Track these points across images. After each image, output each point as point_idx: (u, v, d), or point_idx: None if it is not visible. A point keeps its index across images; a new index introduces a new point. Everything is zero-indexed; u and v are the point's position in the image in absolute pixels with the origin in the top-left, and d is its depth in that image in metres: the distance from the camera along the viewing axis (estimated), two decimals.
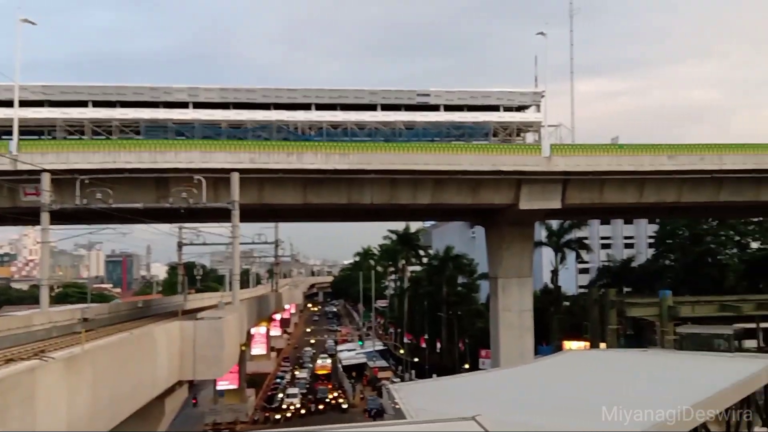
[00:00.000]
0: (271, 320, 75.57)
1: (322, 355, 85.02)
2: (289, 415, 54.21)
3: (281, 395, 60.02)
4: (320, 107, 39.35)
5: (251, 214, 39.18)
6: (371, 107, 39.70)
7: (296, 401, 57.46)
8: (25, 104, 35.38)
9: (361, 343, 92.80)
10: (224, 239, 39.80)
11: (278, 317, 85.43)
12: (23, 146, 34.28)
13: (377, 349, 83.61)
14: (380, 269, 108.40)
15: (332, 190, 37.90)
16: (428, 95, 40.23)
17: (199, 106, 38.67)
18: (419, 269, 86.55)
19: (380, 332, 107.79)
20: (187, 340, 24.34)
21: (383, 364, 74.00)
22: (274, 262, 73.30)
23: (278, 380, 69.45)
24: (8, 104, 34.96)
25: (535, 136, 41.87)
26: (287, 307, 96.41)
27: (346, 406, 57.61)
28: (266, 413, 55.63)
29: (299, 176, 36.88)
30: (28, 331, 22.86)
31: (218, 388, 53.47)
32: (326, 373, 72.44)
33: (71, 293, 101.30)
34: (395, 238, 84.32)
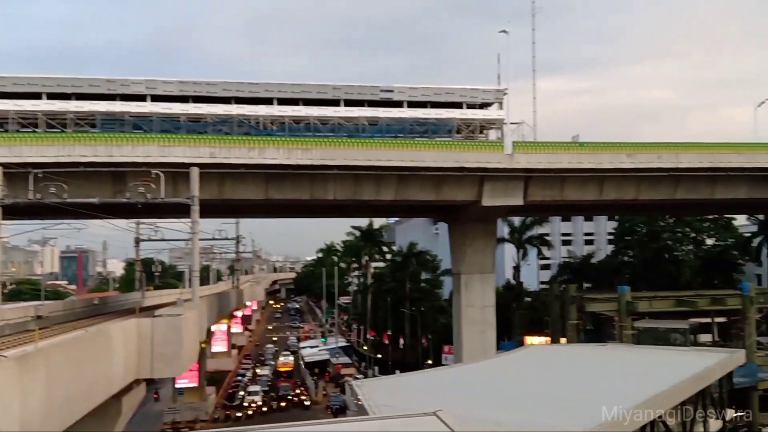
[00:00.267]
0: (232, 317, 74.79)
1: (284, 352, 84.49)
2: (250, 412, 53.87)
3: (242, 393, 59.51)
4: (282, 102, 38.88)
5: (211, 209, 38.56)
6: (334, 102, 39.42)
7: (258, 399, 57.09)
8: None
9: (324, 339, 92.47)
10: (183, 235, 39.05)
11: (239, 314, 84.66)
12: None
13: (340, 345, 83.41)
14: (343, 265, 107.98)
15: (295, 185, 37.52)
16: (392, 91, 40.11)
17: (157, 99, 37.84)
18: (383, 265, 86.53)
19: (343, 329, 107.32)
20: (144, 337, 23.81)
21: (346, 360, 73.90)
22: (235, 258, 72.49)
23: (239, 378, 68.81)
24: None
25: (497, 133, 42.14)
26: (249, 303, 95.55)
27: (308, 403, 57.54)
28: (227, 411, 55.12)
29: (261, 171, 36.42)
30: None
31: (177, 386, 52.58)
32: (288, 370, 71.95)
33: (25, 290, 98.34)
34: (359, 234, 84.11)
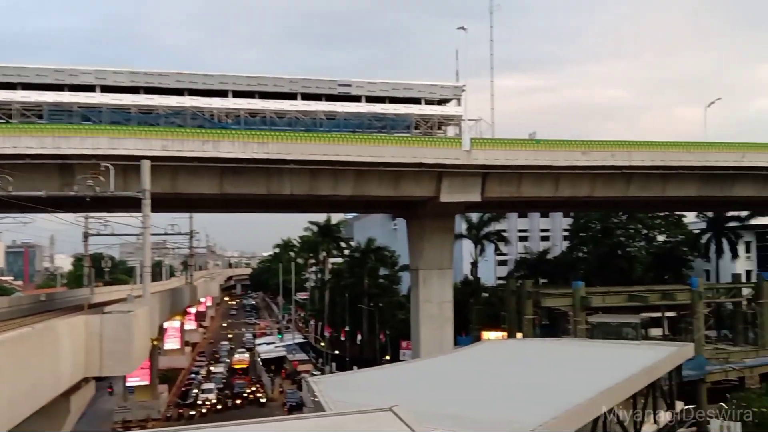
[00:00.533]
0: (185, 314, 73.73)
1: (239, 349, 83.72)
2: (204, 411, 53.23)
3: (196, 391, 58.72)
4: (238, 94, 38.16)
5: (164, 203, 37.69)
6: (291, 96, 38.83)
7: (212, 397, 56.35)
8: None
9: (280, 336, 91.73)
10: (134, 230, 38.05)
11: (193, 310, 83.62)
12: None
13: (297, 342, 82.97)
14: (301, 261, 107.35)
15: (250, 179, 36.88)
16: (350, 86, 39.75)
17: (107, 89, 36.64)
18: (341, 261, 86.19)
19: (300, 325, 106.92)
20: (93, 334, 23.16)
21: (303, 357, 73.65)
22: (188, 253, 71.22)
23: (193, 375, 67.84)
24: None
25: (455, 129, 42.19)
26: (203, 300, 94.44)
27: (264, 400, 57.10)
28: (180, 410, 54.32)
29: (215, 165, 35.67)
30: None
31: (128, 384, 51.61)
32: (244, 367, 71.37)
33: None
34: (316, 229, 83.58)
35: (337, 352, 72.13)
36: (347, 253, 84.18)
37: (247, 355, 77.16)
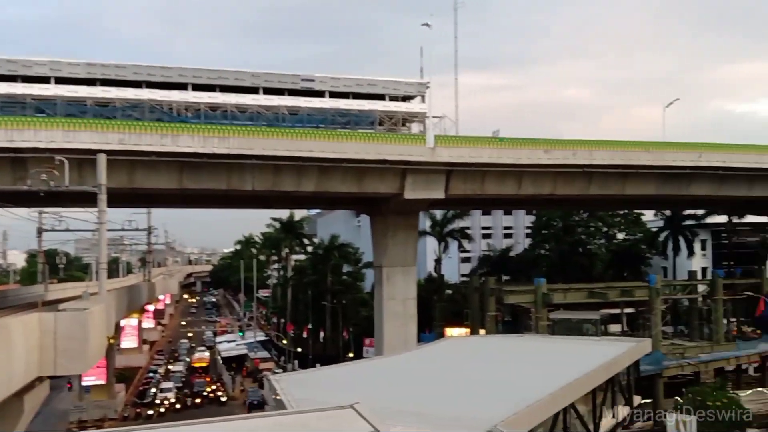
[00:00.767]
0: (143, 311, 72.47)
1: (200, 347, 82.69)
2: (162, 410, 52.44)
3: (154, 390, 57.81)
4: (198, 88, 37.32)
5: (121, 198, 36.69)
6: (253, 90, 38.14)
7: (171, 396, 55.61)
8: None
9: (241, 333, 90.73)
10: (90, 225, 36.99)
11: (151, 308, 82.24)
12: None
13: (259, 339, 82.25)
14: (263, 258, 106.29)
15: (211, 175, 36.12)
16: (313, 80, 39.30)
17: (62, 81, 35.46)
18: (304, 258, 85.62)
19: (262, 322, 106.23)
20: (47, 332, 22.47)
21: (265, 355, 73.05)
22: (146, 250, 69.85)
23: (151, 374, 66.78)
24: None
25: (420, 126, 42.10)
26: (161, 297, 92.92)
27: (225, 399, 56.47)
28: (138, 409, 53.46)
29: (174, 160, 34.83)
30: None
31: (84, 383, 50.44)
32: (204, 365, 70.45)
33: None
34: (279, 226, 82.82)
35: (299, 349, 71.60)
36: (310, 249, 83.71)
37: (207, 353, 76.22)
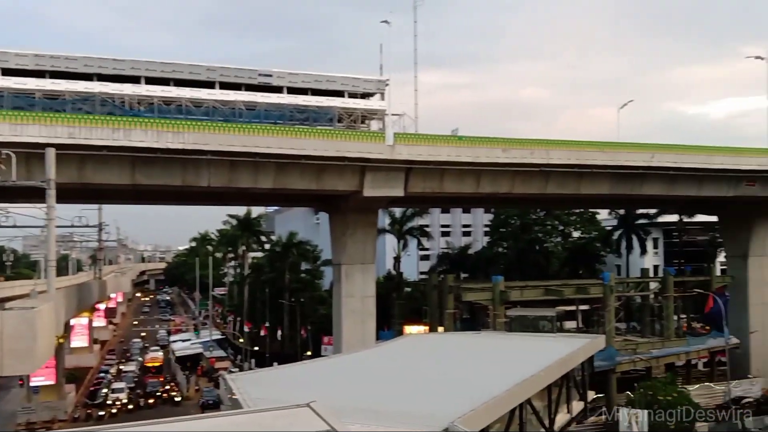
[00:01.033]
0: (94, 310, 70.69)
1: (153, 346, 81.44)
2: (114, 411, 51.42)
3: (106, 390, 56.63)
4: (151, 81, 36.52)
5: (70, 194, 35.66)
6: (209, 84, 37.52)
7: (123, 396, 54.51)
8: None
9: (197, 332, 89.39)
10: (39, 221, 35.69)
11: (102, 307, 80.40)
12: None
13: (215, 338, 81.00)
14: (219, 255, 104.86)
15: (164, 170, 35.32)
16: (271, 76, 38.81)
17: (8, 73, 34.37)
18: (261, 256, 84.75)
19: (218, 321, 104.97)
20: None
21: (221, 354, 72.40)
22: (97, 247, 68.09)
23: (102, 375, 65.49)
24: None
25: (379, 124, 42.00)
26: (113, 295, 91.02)
27: (179, 399, 55.70)
28: (88, 410, 52.43)
29: (126, 154, 33.92)
30: None
31: (32, 384, 49.14)
32: (157, 365, 69.24)
33: None
34: (235, 223, 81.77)
35: (256, 348, 70.99)
36: (268, 247, 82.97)
37: (160, 352, 75.07)
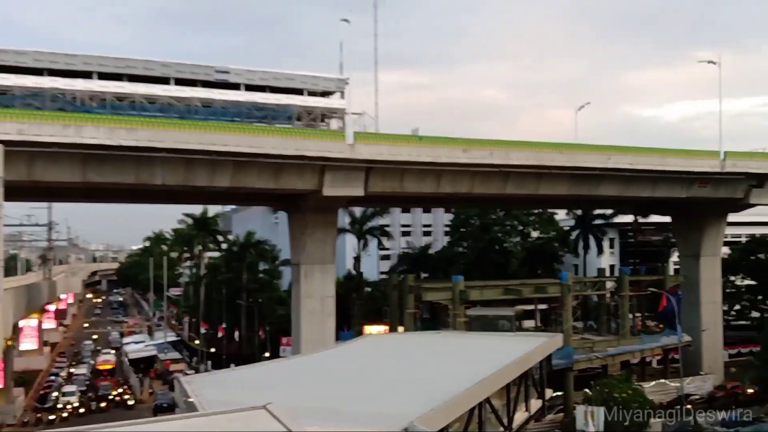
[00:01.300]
0: (44, 311, 68.89)
1: (105, 349, 79.83)
2: (65, 414, 50.50)
3: (56, 394, 55.42)
4: (104, 77, 35.48)
5: (19, 192, 34.42)
6: (163, 80, 36.60)
7: (74, 400, 53.55)
8: None
9: (150, 336, 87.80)
10: None
11: (52, 308, 78.43)
12: None
13: (169, 340, 79.66)
14: (174, 255, 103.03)
15: (117, 168, 34.34)
16: (228, 72, 38.11)
17: None
18: (218, 255, 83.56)
19: (173, 322, 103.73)
20: None
21: (176, 356, 71.30)
22: (47, 246, 66.16)
23: (53, 378, 63.92)
24: None
25: (339, 122, 41.67)
26: (63, 296, 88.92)
27: (132, 402, 54.94)
28: (38, 414, 51.54)
29: (78, 152, 32.86)
30: None
31: None
32: (110, 368, 67.83)
33: None
34: (191, 222, 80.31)
35: (213, 350, 69.97)
36: (225, 246, 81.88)
37: (113, 355, 73.69)
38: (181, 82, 37.00)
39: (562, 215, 76.48)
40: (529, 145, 43.80)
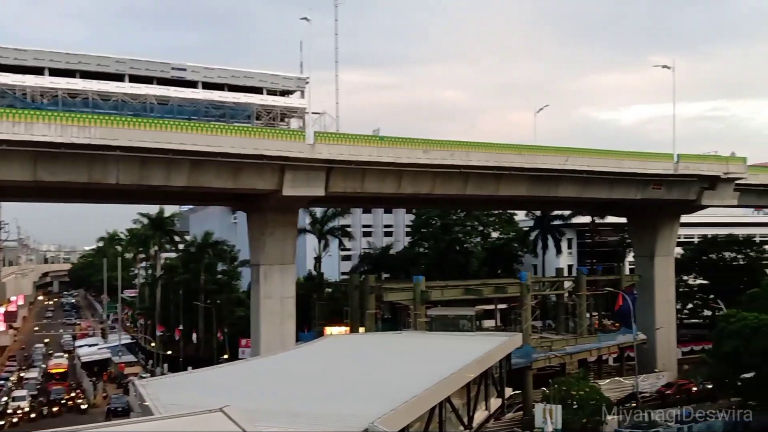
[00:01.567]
0: None
1: (57, 352, 78.44)
2: (15, 420, 49.49)
3: (5, 399, 54.33)
4: (55, 72, 34.47)
5: None
6: (118, 77, 35.73)
7: (24, 404, 52.24)
8: None
9: (103, 340, 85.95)
10: None
11: (2, 310, 76.36)
12: None
13: (124, 343, 77.94)
14: (129, 256, 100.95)
15: (69, 166, 33.28)
16: (185, 70, 37.40)
17: None
18: (175, 256, 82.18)
19: (128, 325, 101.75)
20: None
21: (131, 359, 70.26)
22: None
23: (2, 382, 62.71)
24: None
25: (299, 122, 41.35)
26: (13, 298, 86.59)
27: (85, 406, 53.99)
28: None
29: (28, 149, 31.74)
30: None
31: None
32: (62, 371, 66.61)
33: None
34: (147, 222, 78.88)
35: (169, 352, 68.85)
36: (182, 247, 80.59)
37: (65, 358, 72.68)
38: (136, 79, 36.14)
39: (521, 216, 77.34)
40: (489, 146, 44.07)
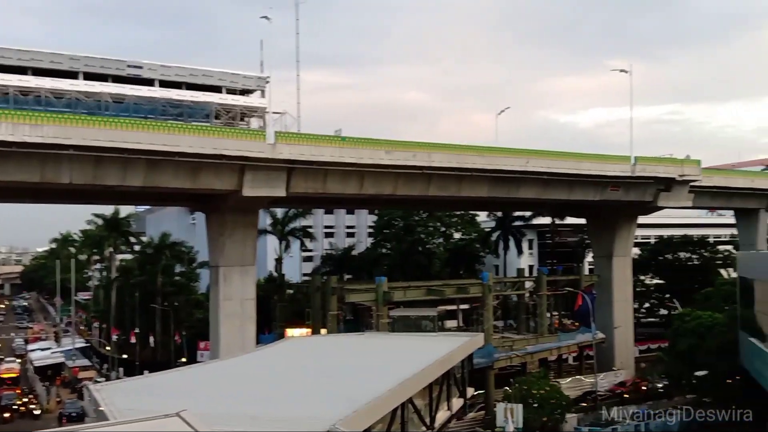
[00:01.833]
0: None
1: (8, 357, 75.88)
2: None
3: None
4: (6, 69, 33.50)
5: None
6: (72, 75, 34.82)
7: None
8: None
9: (56, 343, 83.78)
10: None
11: None
12: None
13: (78, 346, 76.15)
14: (83, 257, 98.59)
15: (21, 166, 32.19)
16: (141, 67, 36.63)
17: None
18: (130, 258, 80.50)
19: (82, 328, 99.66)
20: None
21: (85, 363, 68.72)
22: None
23: None
24: None
25: (259, 122, 40.89)
26: None
27: (38, 412, 52.75)
28: None
29: None
30: None
31: None
32: (13, 376, 64.54)
33: None
34: (101, 222, 77.11)
35: (125, 356, 67.55)
36: (138, 248, 79.00)
37: (17, 362, 70.07)
38: (90, 76, 35.32)
39: (483, 217, 77.92)
40: (450, 147, 44.18)
